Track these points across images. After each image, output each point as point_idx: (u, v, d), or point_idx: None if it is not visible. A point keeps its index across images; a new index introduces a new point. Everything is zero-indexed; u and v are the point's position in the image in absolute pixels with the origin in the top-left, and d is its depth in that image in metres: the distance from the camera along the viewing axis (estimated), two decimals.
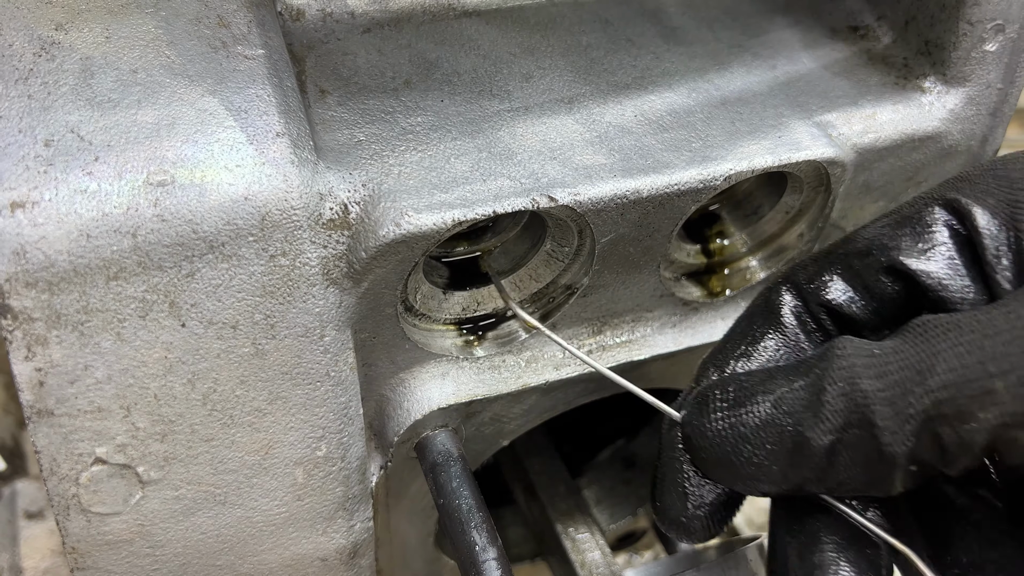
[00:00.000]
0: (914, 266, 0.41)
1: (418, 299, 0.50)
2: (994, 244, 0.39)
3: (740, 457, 0.40)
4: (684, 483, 0.42)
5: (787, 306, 0.44)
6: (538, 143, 0.48)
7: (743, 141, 0.49)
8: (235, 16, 0.44)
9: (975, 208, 0.40)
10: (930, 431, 0.35)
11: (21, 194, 0.37)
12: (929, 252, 0.41)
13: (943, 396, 0.34)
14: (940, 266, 0.41)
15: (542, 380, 0.53)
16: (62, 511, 0.42)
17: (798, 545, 0.41)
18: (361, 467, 0.49)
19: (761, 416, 0.39)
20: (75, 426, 0.41)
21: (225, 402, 0.43)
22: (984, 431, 0.34)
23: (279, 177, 0.40)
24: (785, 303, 0.44)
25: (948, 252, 0.41)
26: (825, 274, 0.43)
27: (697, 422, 0.41)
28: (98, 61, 0.41)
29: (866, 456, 0.37)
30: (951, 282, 0.40)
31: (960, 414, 0.34)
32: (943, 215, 0.41)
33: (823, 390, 0.37)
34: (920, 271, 0.41)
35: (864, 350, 0.37)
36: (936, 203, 0.42)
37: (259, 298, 0.41)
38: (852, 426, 0.36)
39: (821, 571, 0.39)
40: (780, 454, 0.39)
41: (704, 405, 0.41)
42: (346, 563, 0.51)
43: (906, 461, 0.36)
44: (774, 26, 0.58)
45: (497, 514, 0.79)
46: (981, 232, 0.40)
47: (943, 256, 0.41)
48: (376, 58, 0.50)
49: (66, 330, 0.39)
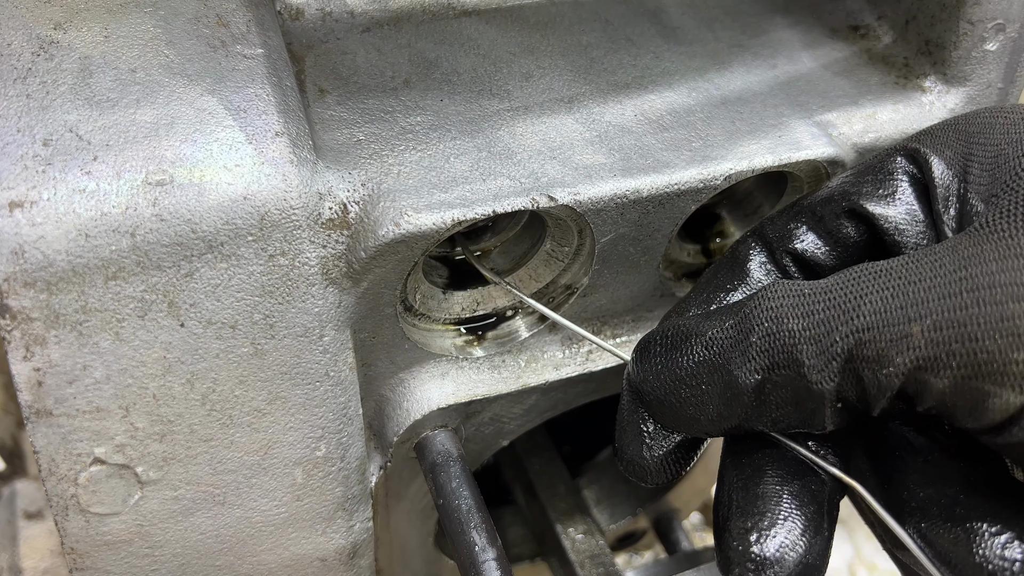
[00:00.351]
0: (873, 209, 0.42)
1: (417, 299, 0.50)
2: (945, 193, 0.41)
3: (679, 398, 0.41)
4: (641, 425, 0.43)
5: (753, 258, 0.45)
6: (538, 142, 0.48)
7: (743, 141, 0.49)
8: (234, 15, 0.44)
9: (932, 158, 0.42)
10: (853, 371, 0.36)
11: (19, 193, 0.37)
12: (888, 198, 0.42)
13: (865, 337, 0.35)
14: (898, 211, 0.42)
15: (542, 380, 0.53)
16: (61, 511, 0.42)
17: (743, 478, 0.41)
18: (360, 467, 0.49)
19: (694, 358, 0.40)
20: (74, 426, 0.40)
21: (224, 402, 0.43)
22: (900, 374, 0.35)
23: (278, 176, 0.40)
24: (751, 254, 0.45)
25: (907, 198, 0.42)
26: (790, 224, 0.45)
27: (639, 367, 0.42)
28: (97, 60, 0.41)
29: (795, 394, 0.37)
30: (908, 227, 0.42)
31: (879, 357, 0.35)
32: (904, 163, 0.43)
33: (750, 330, 0.38)
34: (879, 214, 0.42)
35: (794, 291, 0.38)
36: (899, 152, 0.43)
37: (258, 298, 0.41)
38: (779, 365, 0.37)
39: (763, 501, 0.40)
40: (714, 394, 0.39)
41: (646, 350, 0.42)
42: (345, 563, 0.51)
43: (833, 398, 0.37)
44: (774, 26, 0.58)
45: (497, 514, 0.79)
46: (935, 181, 0.41)
47: (902, 202, 0.42)
48: (375, 57, 0.50)
49: (65, 330, 0.39)
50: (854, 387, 0.36)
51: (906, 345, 0.34)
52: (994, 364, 0.33)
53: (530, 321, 0.53)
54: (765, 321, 0.37)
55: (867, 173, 0.44)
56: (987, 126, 0.41)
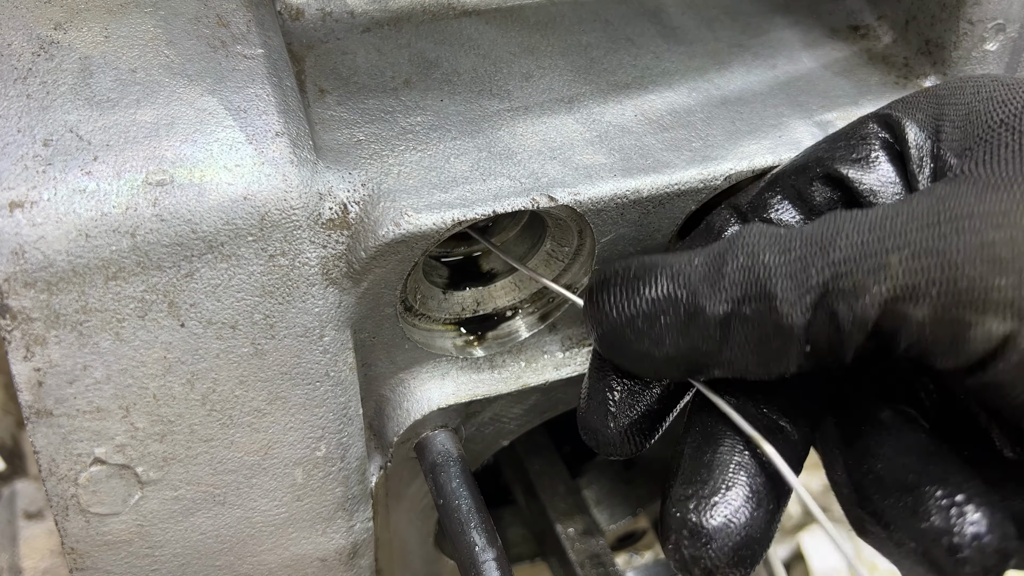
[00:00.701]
0: (848, 173, 0.42)
1: (418, 299, 0.50)
2: (919, 154, 0.41)
3: (634, 331, 0.39)
4: (606, 393, 0.42)
5: (728, 229, 0.44)
6: (538, 143, 0.48)
7: (743, 141, 0.49)
8: (234, 15, 0.44)
9: (905, 121, 0.42)
10: (826, 307, 0.35)
11: (20, 194, 0.37)
12: (863, 161, 0.42)
13: (841, 269, 0.34)
14: (874, 174, 0.42)
15: (542, 380, 0.53)
16: (61, 511, 0.42)
17: (696, 443, 0.40)
18: (360, 467, 0.49)
19: (657, 289, 0.38)
20: (74, 426, 0.40)
21: (224, 402, 0.43)
22: (876, 305, 0.34)
23: (278, 177, 0.40)
24: (725, 226, 0.44)
25: (882, 161, 0.42)
26: (765, 193, 0.44)
27: (594, 299, 0.40)
28: (97, 60, 0.41)
29: (762, 330, 0.36)
30: (882, 189, 0.41)
31: (856, 287, 0.34)
32: (877, 128, 0.43)
33: (724, 263, 0.37)
34: (854, 178, 0.42)
35: (771, 230, 0.37)
36: (871, 119, 0.43)
37: (258, 298, 0.41)
38: (750, 298, 0.36)
39: (708, 469, 0.39)
40: (673, 326, 0.38)
41: (603, 283, 0.40)
42: (345, 563, 0.51)
43: (803, 335, 0.35)
44: (774, 26, 0.58)
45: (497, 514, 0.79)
46: (909, 143, 0.41)
47: (876, 165, 0.42)
48: (376, 57, 0.50)
49: (65, 330, 0.39)
50: (827, 326, 0.35)
51: (884, 275, 0.33)
52: (975, 291, 0.32)
53: (530, 321, 0.53)
54: (740, 255, 0.36)
55: (840, 139, 0.43)
56: (958, 88, 0.41)
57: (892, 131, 0.42)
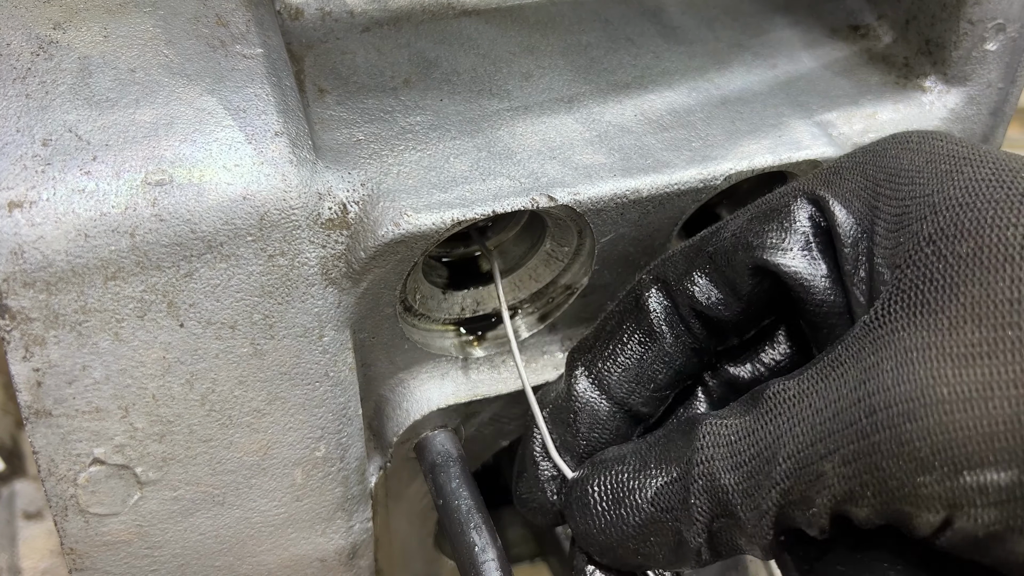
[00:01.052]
0: (780, 266, 0.40)
1: (417, 299, 0.50)
2: (853, 253, 0.39)
3: (626, 551, 0.41)
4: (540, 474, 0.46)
5: (657, 308, 0.43)
6: (538, 142, 0.47)
7: (743, 140, 0.49)
8: (233, 15, 0.44)
9: (838, 210, 0.39)
10: (785, 519, 0.36)
11: (19, 193, 0.37)
12: (794, 252, 0.40)
13: (787, 486, 0.35)
14: (806, 268, 0.40)
15: (542, 380, 0.53)
16: (60, 512, 0.42)
17: None
18: (360, 468, 0.49)
19: (641, 516, 0.40)
20: (73, 426, 0.40)
21: (223, 402, 0.43)
22: (824, 513, 0.35)
23: (277, 176, 0.40)
24: (654, 304, 0.43)
25: (814, 253, 0.40)
26: (693, 273, 0.43)
27: (580, 521, 0.42)
28: (96, 60, 0.41)
29: (738, 540, 0.38)
30: (815, 283, 0.40)
31: (803, 500, 0.35)
32: (809, 210, 0.40)
33: (688, 489, 0.38)
34: (785, 272, 0.40)
35: (722, 437, 0.38)
36: (803, 197, 0.41)
37: (258, 298, 0.41)
38: (720, 516, 0.38)
39: None
40: (664, 547, 0.40)
41: (584, 503, 0.42)
42: (345, 564, 0.51)
43: (773, 541, 0.37)
44: (774, 25, 0.58)
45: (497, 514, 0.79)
46: (842, 237, 0.39)
47: (809, 258, 0.40)
48: (375, 57, 0.50)
49: (64, 330, 0.38)
50: (790, 523, 0.36)
51: (822, 484, 0.34)
52: (904, 490, 0.32)
53: (530, 321, 0.53)
54: (700, 478, 0.38)
55: (770, 220, 0.41)
56: (893, 173, 0.39)
57: (824, 215, 0.40)
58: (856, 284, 0.38)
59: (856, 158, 0.41)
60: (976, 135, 0.56)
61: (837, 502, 0.34)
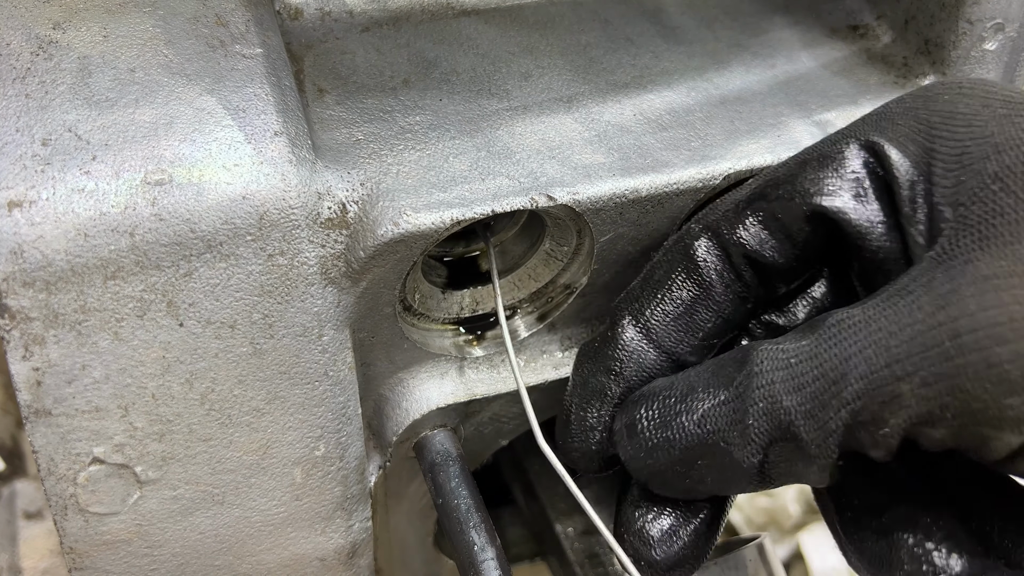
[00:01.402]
0: (839, 213, 0.40)
1: (417, 299, 0.50)
2: (911, 194, 0.39)
3: (674, 474, 0.41)
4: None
5: (707, 257, 0.43)
6: (537, 142, 0.48)
7: (742, 140, 0.49)
8: (233, 15, 0.44)
9: (894, 153, 0.39)
10: (851, 439, 0.36)
11: (18, 193, 0.37)
12: (851, 197, 0.40)
13: (857, 407, 0.35)
14: (863, 212, 0.40)
15: (541, 380, 0.53)
16: (60, 511, 0.42)
17: None
18: (359, 467, 0.49)
19: (689, 439, 0.40)
20: (73, 426, 0.40)
21: (223, 402, 0.43)
22: (896, 434, 0.35)
23: (277, 176, 0.40)
24: (704, 253, 0.43)
25: (871, 197, 0.40)
26: (745, 221, 0.42)
27: (629, 446, 0.43)
28: (96, 60, 0.41)
29: (796, 465, 0.38)
30: (872, 229, 0.40)
31: (874, 420, 0.35)
32: (863, 156, 0.40)
33: (746, 411, 0.38)
34: (843, 219, 0.40)
35: (780, 360, 0.37)
36: (853, 142, 0.41)
37: (257, 297, 0.41)
38: (779, 440, 0.37)
39: None
40: (713, 469, 0.40)
41: (632, 429, 0.42)
42: (344, 563, 0.51)
43: (834, 463, 0.37)
44: (773, 25, 0.58)
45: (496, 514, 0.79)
46: (899, 180, 0.39)
47: (866, 202, 0.40)
48: (374, 57, 0.50)
49: (64, 330, 0.38)
50: (854, 447, 0.36)
51: (898, 405, 0.34)
52: (988, 412, 0.32)
53: (529, 321, 0.53)
54: (760, 400, 0.37)
55: (825, 167, 0.41)
56: (948, 116, 0.39)
57: (878, 159, 0.40)
58: (914, 225, 0.38)
59: (906, 103, 0.41)
60: None
61: (913, 424, 0.34)
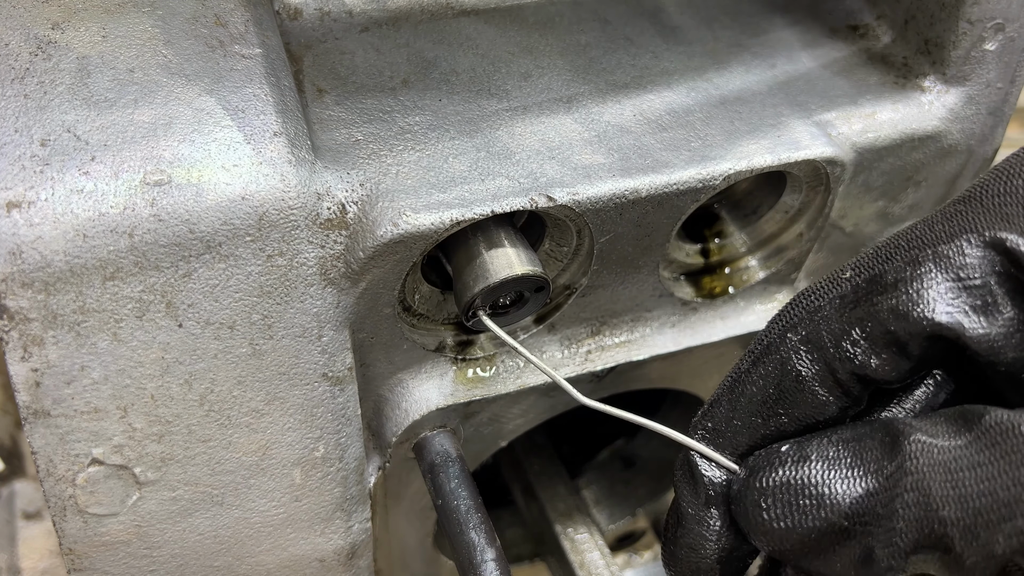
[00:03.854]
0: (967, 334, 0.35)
1: (416, 299, 0.50)
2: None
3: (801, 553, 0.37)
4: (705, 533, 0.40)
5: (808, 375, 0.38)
6: (536, 142, 0.47)
7: (742, 140, 0.49)
8: (232, 15, 0.44)
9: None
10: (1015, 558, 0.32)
11: (17, 194, 0.37)
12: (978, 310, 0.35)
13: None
14: (993, 328, 0.35)
15: (541, 380, 0.53)
16: (59, 512, 0.42)
17: None
18: (359, 468, 0.49)
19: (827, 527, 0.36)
20: (72, 427, 0.40)
21: (222, 403, 0.43)
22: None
23: (276, 177, 0.40)
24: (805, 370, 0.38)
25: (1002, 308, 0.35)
26: (852, 332, 0.37)
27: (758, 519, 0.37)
28: (95, 60, 0.41)
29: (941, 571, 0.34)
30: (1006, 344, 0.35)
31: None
32: (990, 255, 0.35)
33: (895, 512, 0.34)
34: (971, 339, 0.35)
35: (937, 461, 0.33)
36: (978, 240, 0.35)
37: (256, 298, 0.41)
38: (925, 547, 0.34)
39: None
40: (846, 557, 0.36)
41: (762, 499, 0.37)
42: (344, 564, 0.51)
43: None
44: (773, 25, 0.58)
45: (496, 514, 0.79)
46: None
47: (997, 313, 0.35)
48: (374, 57, 0.50)
49: (62, 330, 0.38)
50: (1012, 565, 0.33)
51: None
52: None
53: (528, 322, 0.53)
54: (912, 505, 0.33)
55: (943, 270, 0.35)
56: None
57: (1009, 258, 0.35)
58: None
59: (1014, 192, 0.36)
60: (975, 135, 0.56)
61: None
